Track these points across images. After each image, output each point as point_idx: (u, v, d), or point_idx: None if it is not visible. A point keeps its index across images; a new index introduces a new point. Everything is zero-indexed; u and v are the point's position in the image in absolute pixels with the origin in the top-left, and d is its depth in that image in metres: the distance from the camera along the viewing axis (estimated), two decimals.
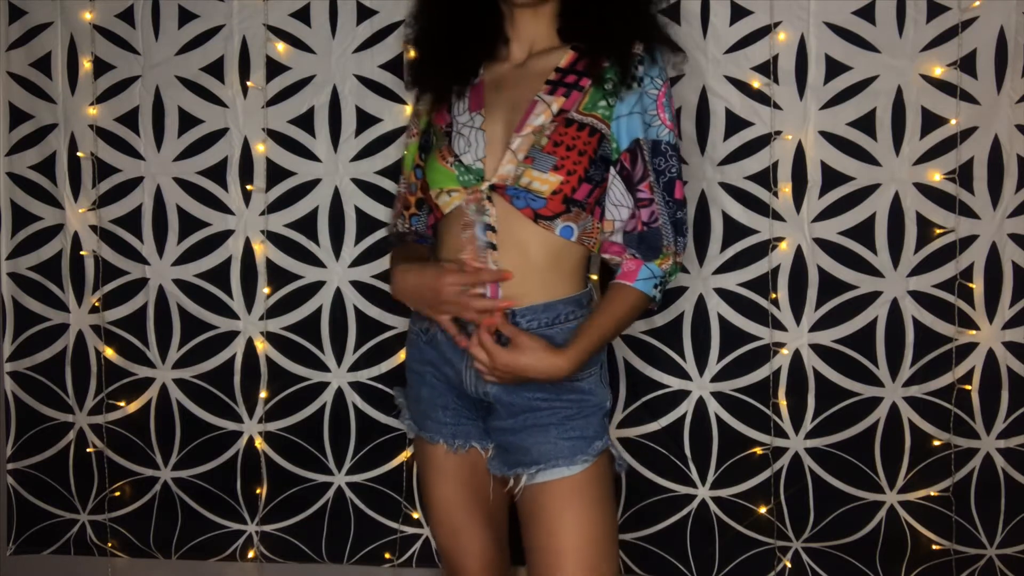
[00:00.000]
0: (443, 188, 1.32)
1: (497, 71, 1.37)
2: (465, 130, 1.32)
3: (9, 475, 1.85)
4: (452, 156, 1.31)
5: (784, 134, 1.61)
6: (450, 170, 1.31)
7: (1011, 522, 1.66)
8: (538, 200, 1.26)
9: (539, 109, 1.29)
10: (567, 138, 1.27)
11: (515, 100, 1.32)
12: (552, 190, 1.26)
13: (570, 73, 1.32)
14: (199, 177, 1.73)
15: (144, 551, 1.83)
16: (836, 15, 1.58)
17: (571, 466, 1.27)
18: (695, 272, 1.65)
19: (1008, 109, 1.57)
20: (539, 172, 1.26)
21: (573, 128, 1.28)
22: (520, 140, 1.28)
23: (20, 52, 1.75)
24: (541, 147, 1.26)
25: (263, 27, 1.68)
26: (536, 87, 1.31)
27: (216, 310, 1.76)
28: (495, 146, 1.30)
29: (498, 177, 1.28)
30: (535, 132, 1.27)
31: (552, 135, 1.27)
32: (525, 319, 1.28)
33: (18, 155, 1.78)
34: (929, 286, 1.62)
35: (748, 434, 1.67)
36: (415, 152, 1.44)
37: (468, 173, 1.30)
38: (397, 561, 1.77)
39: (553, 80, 1.32)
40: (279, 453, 1.77)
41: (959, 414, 1.64)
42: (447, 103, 1.37)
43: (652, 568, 1.72)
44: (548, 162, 1.26)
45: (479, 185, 1.29)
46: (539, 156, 1.26)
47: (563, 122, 1.28)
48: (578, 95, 1.30)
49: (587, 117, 1.29)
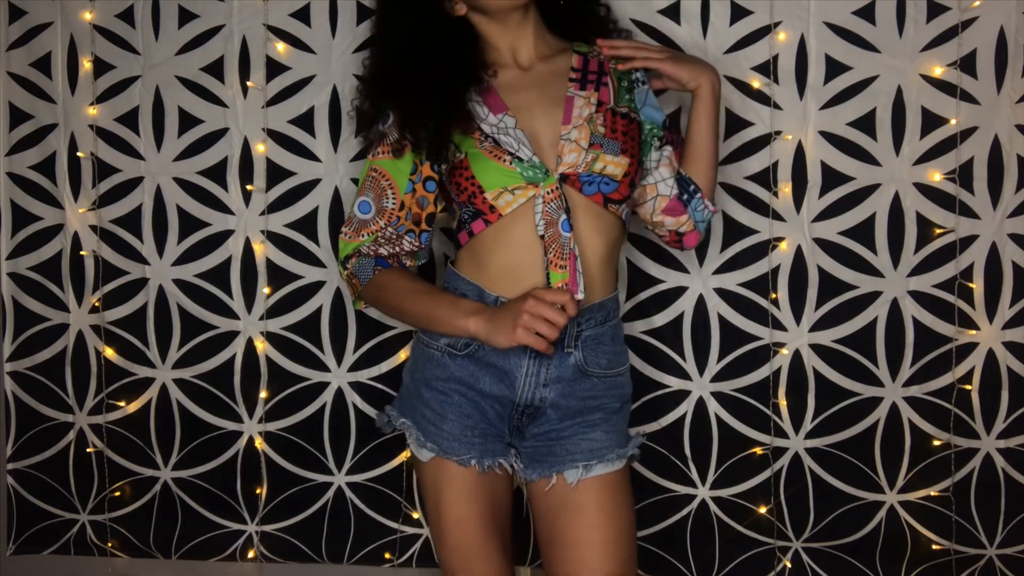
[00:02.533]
0: (506, 187, 1.29)
1: (506, 77, 1.35)
2: (501, 134, 1.30)
3: (9, 475, 1.85)
4: (507, 155, 1.29)
5: (784, 134, 1.61)
6: (510, 168, 1.28)
7: (1011, 522, 1.66)
8: (611, 184, 1.31)
9: (578, 103, 1.33)
10: (620, 126, 1.33)
11: (543, 100, 1.33)
12: (624, 172, 1.32)
13: (588, 73, 1.36)
14: (199, 177, 1.73)
15: (144, 551, 1.83)
16: (836, 15, 1.58)
17: (616, 461, 1.33)
18: (695, 272, 1.65)
19: (1008, 109, 1.57)
20: (611, 156, 1.31)
21: (619, 118, 1.34)
22: (576, 131, 1.30)
23: (20, 52, 1.75)
24: (602, 134, 1.31)
25: (263, 27, 1.68)
26: (560, 86, 1.35)
27: (216, 310, 1.76)
28: (541, 143, 1.31)
29: (567, 166, 1.29)
30: (587, 122, 1.31)
31: (606, 124, 1.32)
32: (584, 318, 1.31)
33: (18, 155, 1.78)
34: (929, 286, 1.62)
35: (748, 434, 1.67)
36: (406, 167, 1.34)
37: (531, 169, 1.29)
38: (397, 561, 1.77)
39: (575, 79, 1.36)
40: (279, 453, 1.77)
41: (959, 414, 1.64)
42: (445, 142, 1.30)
43: (652, 568, 1.72)
44: (615, 146, 1.31)
45: (551, 180, 1.29)
46: (605, 142, 1.31)
47: (609, 113, 1.33)
48: (607, 90, 1.36)
49: (622, 108, 1.36)
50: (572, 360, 1.31)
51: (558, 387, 1.32)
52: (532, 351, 1.29)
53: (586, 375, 1.33)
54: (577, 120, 1.31)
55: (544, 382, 1.31)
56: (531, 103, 1.33)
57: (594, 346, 1.33)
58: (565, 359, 1.31)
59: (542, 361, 1.30)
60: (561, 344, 1.30)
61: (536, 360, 1.31)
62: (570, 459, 1.32)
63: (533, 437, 1.35)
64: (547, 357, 1.30)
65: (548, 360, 1.30)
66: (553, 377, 1.31)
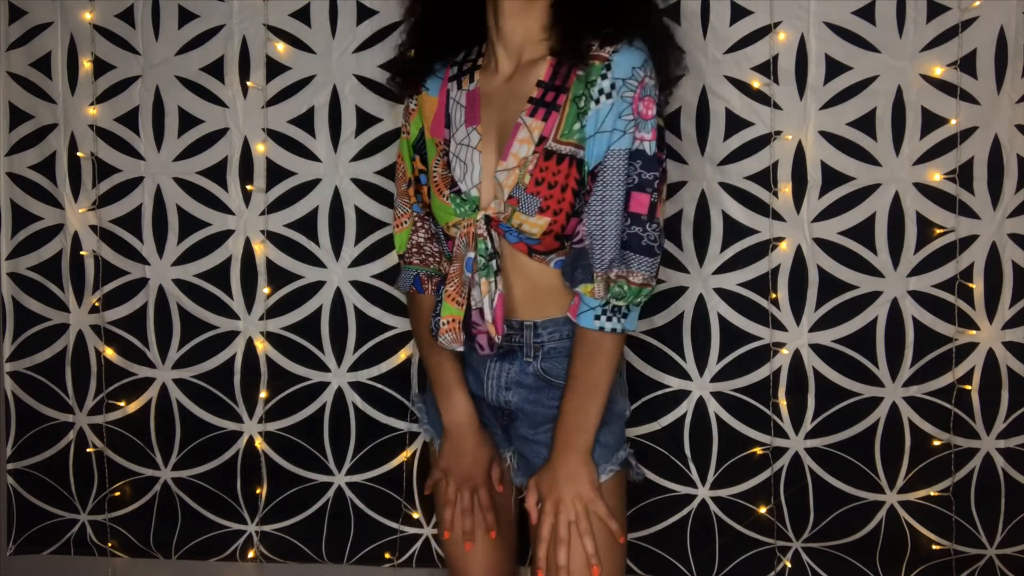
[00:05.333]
0: (448, 222, 1.28)
1: (490, 83, 1.28)
2: (462, 150, 1.27)
3: (9, 475, 1.85)
4: (447, 188, 1.27)
5: (784, 134, 1.61)
6: (447, 204, 1.27)
7: (1011, 522, 1.66)
8: (531, 239, 1.23)
9: (522, 135, 1.21)
10: (548, 174, 1.19)
11: (503, 120, 1.25)
12: (543, 231, 1.21)
13: (550, 89, 1.22)
14: (199, 177, 1.73)
15: (144, 551, 1.83)
16: (836, 15, 1.57)
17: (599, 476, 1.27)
18: (695, 272, 1.65)
19: (1008, 109, 1.57)
20: (526, 215, 1.20)
21: (553, 161, 1.19)
22: (505, 173, 1.22)
23: (20, 52, 1.75)
24: (524, 186, 1.20)
25: (263, 27, 1.68)
26: (521, 106, 1.23)
27: (216, 310, 1.76)
28: (488, 171, 1.25)
29: (491, 211, 1.24)
30: (519, 165, 1.21)
31: (534, 171, 1.19)
32: (547, 331, 1.28)
33: (18, 155, 1.78)
34: (929, 286, 1.62)
35: (748, 434, 1.67)
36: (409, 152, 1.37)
37: (464, 204, 1.26)
38: (397, 561, 1.77)
39: (535, 98, 1.22)
40: (279, 453, 1.77)
41: (959, 414, 1.64)
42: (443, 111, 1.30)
43: (652, 568, 1.72)
44: (533, 204, 1.20)
45: (474, 216, 1.25)
46: (523, 197, 1.20)
47: (544, 154, 1.20)
48: (555, 117, 1.20)
49: (565, 146, 1.19)
50: (531, 368, 1.30)
51: (521, 392, 1.31)
52: (495, 354, 1.29)
53: (551, 385, 1.29)
54: (512, 160, 1.21)
55: (506, 384, 1.31)
56: (494, 122, 1.26)
57: (557, 356, 1.29)
58: (525, 366, 1.30)
59: (503, 364, 1.31)
60: (521, 353, 1.29)
61: (497, 363, 1.31)
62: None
63: (516, 439, 1.35)
64: (507, 360, 1.30)
65: (510, 364, 1.30)
66: (514, 380, 1.31)
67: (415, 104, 1.36)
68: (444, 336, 1.27)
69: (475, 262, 1.24)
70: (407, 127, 1.37)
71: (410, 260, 1.40)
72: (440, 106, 1.32)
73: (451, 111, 1.31)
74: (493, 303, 1.23)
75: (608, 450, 1.29)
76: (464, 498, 1.36)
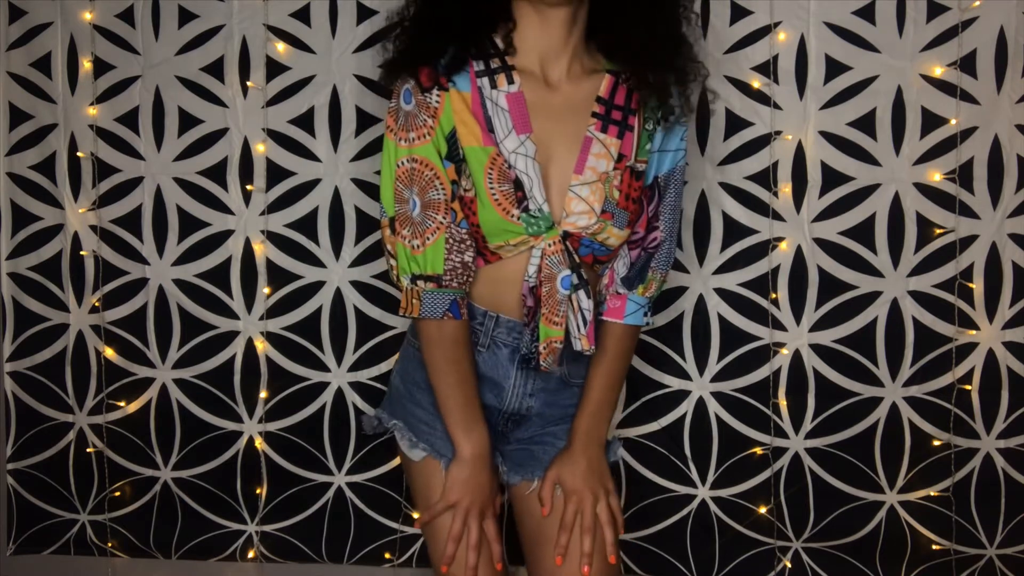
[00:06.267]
0: (508, 241, 1.20)
1: (533, 89, 1.21)
2: (519, 160, 1.18)
3: (9, 475, 1.85)
4: (517, 208, 1.18)
5: (784, 134, 1.61)
6: (516, 224, 1.18)
7: (1011, 522, 1.66)
8: (604, 250, 1.25)
9: (597, 149, 1.21)
10: (633, 191, 1.24)
11: (563, 132, 1.21)
12: (621, 242, 1.27)
13: (614, 107, 1.22)
14: (199, 177, 1.73)
15: (144, 551, 1.83)
16: (836, 15, 1.58)
17: None
18: (695, 272, 1.65)
19: (1008, 109, 1.57)
20: (617, 229, 1.23)
21: (634, 179, 1.24)
22: (587, 187, 1.20)
23: (20, 52, 1.75)
24: (615, 201, 1.22)
25: (263, 27, 1.68)
26: (582, 119, 1.21)
27: (216, 310, 1.76)
28: (551, 186, 1.20)
29: (574, 227, 1.21)
30: (601, 180, 1.20)
31: (622, 187, 1.22)
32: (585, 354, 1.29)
33: (18, 155, 1.78)
34: (929, 286, 1.62)
35: (748, 434, 1.67)
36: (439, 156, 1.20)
37: (536, 221, 1.19)
38: (397, 561, 1.77)
39: (599, 114, 1.22)
40: (279, 453, 1.77)
41: (959, 414, 1.64)
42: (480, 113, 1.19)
43: (652, 568, 1.72)
44: (624, 219, 1.23)
45: (554, 234, 1.20)
46: (617, 212, 1.22)
47: (629, 173, 1.23)
48: (631, 137, 1.23)
49: (641, 164, 1.25)
50: (558, 373, 1.31)
51: (543, 396, 1.32)
52: (519, 362, 1.29)
53: (568, 385, 1.34)
54: (590, 174, 1.19)
55: (531, 392, 1.31)
56: (550, 134, 1.20)
57: (577, 359, 1.32)
58: (552, 371, 1.30)
59: (529, 373, 1.30)
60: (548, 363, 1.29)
61: (524, 372, 1.30)
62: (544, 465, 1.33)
63: (517, 442, 1.35)
64: (535, 368, 1.27)
65: (535, 371, 1.29)
66: (540, 387, 1.32)
67: (437, 100, 1.19)
68: (546, 360, 1.23)
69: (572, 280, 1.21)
70: (428, 127, 1.19)
71: (449, 284, 1.21)
72: (475, 106, 1.19)
73: (491, 114, 1.19)
74: (587, 316, 1.23)
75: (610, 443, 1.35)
76: (472, 532, 1.27)
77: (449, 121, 1.19)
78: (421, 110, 1.19)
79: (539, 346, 1.23)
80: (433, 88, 1.19)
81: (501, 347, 1.29)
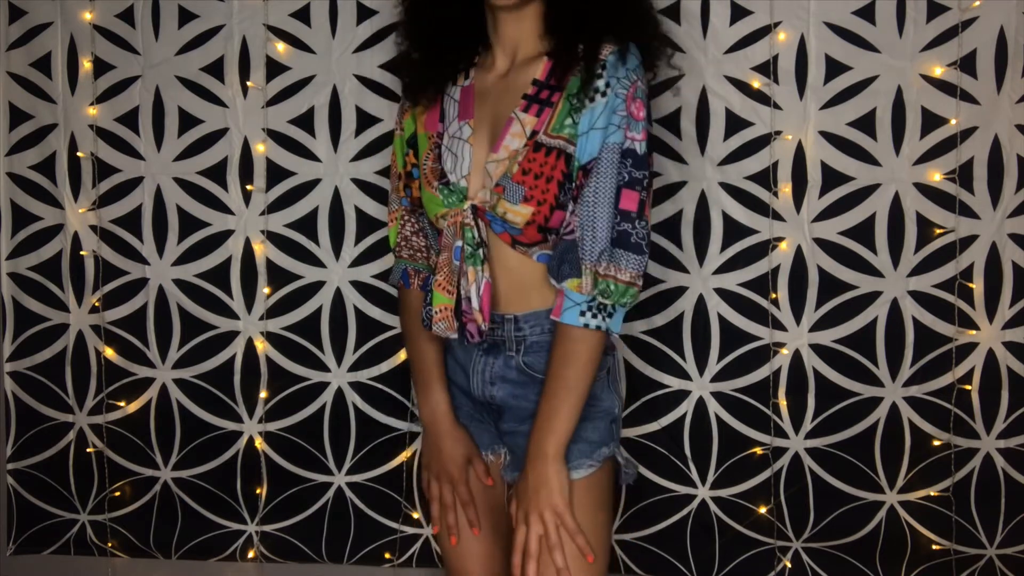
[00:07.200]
0: (437, 213, 1.29)
1: (485, 80, 1.31)
2: (454, 143, 1.29)
3: (9, 475, 1.85)
4: (436, 180, 1.29)
5: (784, 134, 1.61)
6: (435, 195, 1.28)
7: (1011, 522, 1.66)
8: (515, 228, 1.23)
9: (515, 128, 1.24)
10: (535, 165, 1.21)
11: (497, 114, 1.27)
12: (526, 220, 1.22)
13: (545, 87, 1.24)
14: (199, 177, 1.73)
15: (144, 551, 1.83)
16: (836, 15, 1.58)
17: (576, 471, 1.25)
18: (695, 272, 1.65)
19: (1008, 109, 1.57)
20: (511, 203, 1.22)
21: (542, 153, 1.21)
22: (495, 164, 1.24)
23: (20, 52, 1.75)
24: (511, 175, 1.21)
25: (263, 27, 1.68)
26: (515, 102, 1.25)
27: (216, 310, 1.76)
28: (479, 163, 1.27)
29: (477, 200, 1.26)
30: (510, 157, 1.23)
31: (522, 162, 1.21)
32: (528, 324, 1.28)
33: (18, 155, 1.78)
34: (929, 286, 1.62)
35: (748, 434, 1.67)
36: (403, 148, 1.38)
37: (452, 194, 1.27)
38: (397, 561, 1.77)
39: (530, 95, 1.25)
40: (279, 453, 1.77)
41: (959, 414, 1.64)
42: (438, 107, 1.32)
43: (652, 568, 1.72)
44: (518, 193, 1.21)
45: (462, 206, 1.27)
46: (509, 185, 1.22)
47: (533, 146, 1.22)
48: (548, 113, 1.23)
49: (555, 139, 1.21)
50: (514, 363, 1.30)
51: (506, 387, 1.31)
52: (480, 347, 1.31)
53: (535, 380, 1.29)
54: (503, 151, 1.23)
55: (490, 379, 1.32)
56: (487, 116, 1.28)
57: (539, 351, 1.29)
58: (508, 360, 1.30)
59: (488, 359, 1.31)
60: (504, 347, 1.30)
61: (482, 357, 1.32)
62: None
63: (505, 435, 1.36)
64: (491, 355, 1.31)
65: (494, 359, 1.31)
66: (498, 375, 1.31)
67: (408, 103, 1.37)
68: (438, 324, 1.28)
69: (463, 251, 1.25)
70: (401, 124, 1.38)
71: (400, 254, 1.41)
72: (436, 102, 1.34)
73: (445, 106, 1.32)
74: (480, 291, 1.25)
75: (590, 446, 1.27)
76: (445, 494, 1.37)
77: (412, 118, 1.37)
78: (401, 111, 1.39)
79: (432, 309, 1.28)
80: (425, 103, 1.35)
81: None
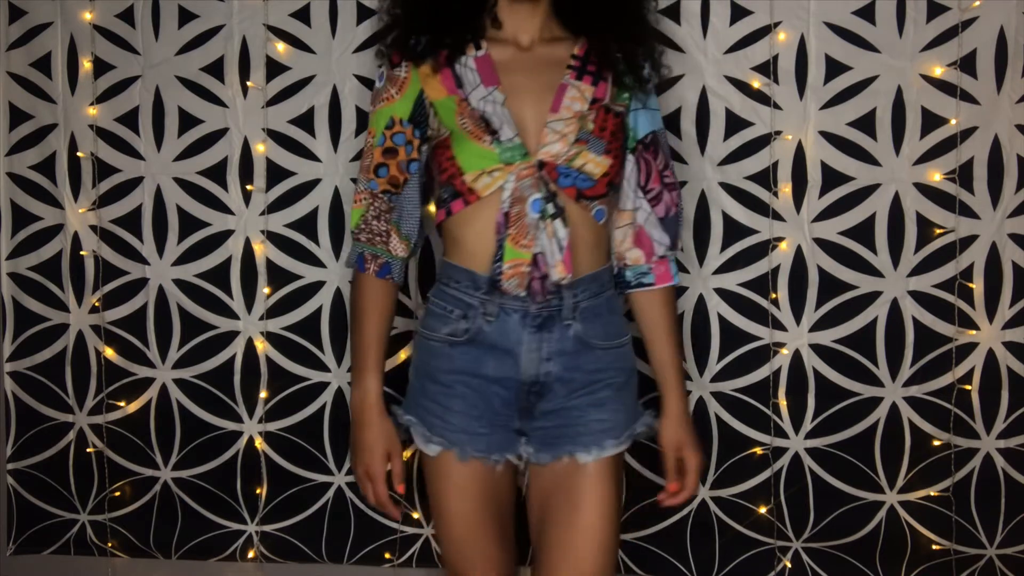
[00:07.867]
0: (484, 169, 1.28)
1: (503, 52, 1.33)
2: (488, 106, 1.29)
3: (9, 475, 1.85)
4: (487, 134, 1.28)
5: (784, 134, 1.61)
6: (489, 148, 1.28)
7: (1011, 522, 1.66)
8: (588, 181, 1.30)
9: (571, 93, 1.31)
10: (609, 124, 1.32)
11: (536, 83, 1.31)
12: (603, 172, 1.31)
13: (588, 62, 1.34)
14: (199, 177, 1.73)
15: (144, 551, 1.83)
16: (836, 15, 1.58)
17: (623, 442, 1.36)
18: (695, 272, 1.65)
19: (1008, 109, 1.58)
20: (594, 154, 1.30)
21: (611, 116, 1.33)
22: (563, 123, 1.29)
23: (20, 52, 1.75)
24: (589, 131, 1.30)
25: (263, 27, 1.68)
26: (556, 73, 1.32)
27: (216, 310, 1.76)
28: (527, 127, 1.29)
29: (548, 154, 1.29)
30: (576, 117, 1.30)
31: (596, 120, 1.31)
32: (582, 289, 1.31)
33: (18, 155, 1.78)
34: (929, 286, 1.62)
35: (748, 434, 1.67)
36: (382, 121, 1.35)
37: (510, 150, 1.28)
38: (397, 561, 1.77)
39: (575, 66, 1.33)
40: (279, 453, 1.77)
41: (959, 414, 1.64)
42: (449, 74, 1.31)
43: (652, 568, 1.72)
44: (600, 145, 1.31)
45: (528, 161, 1.28)
46: (592, 139, 1.30)
47: (603, 109, 1.32)
48: (605, 85, 1.33)
49: (618, 107, 1.35)
50: (572, 332, 1.31)
51: (561, 360, 1.31)
52: (530, 323, 1.30)
53: (588, 347, 1.32)
54: (566, 112, 1.30)
55: (547, 355, 1.31)
56: (523, 85, 1.31)
57: (592, 318, 1.32)
58: (565, 331, 1.31)
59: (542, 335, 1.30)
60: (559, 317, 1.30)
61: (536, 334, 1.30)
62: (581, 441, 1.32)
63: (544, 416, 1.33)
64: (545, 330, 1.30)
65: (548, 333, 1.30)
66: (555, 350, 1.31)
67: (405, 72, 1.33)
68: (509, 281, 1.27)
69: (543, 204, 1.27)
70: (390, 93, 1.33)
71: (358, 237, 1.38)
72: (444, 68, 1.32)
73: (459, 74, 1.31)
74: (563, 243, 1.27)
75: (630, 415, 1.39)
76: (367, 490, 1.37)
77: (416, 84, 1.33)
78: (388, 83, 1.34)
79: (503, 266, 1.27)
80: (401, 63, 1.33)
81: (511, 313, 1.29)
